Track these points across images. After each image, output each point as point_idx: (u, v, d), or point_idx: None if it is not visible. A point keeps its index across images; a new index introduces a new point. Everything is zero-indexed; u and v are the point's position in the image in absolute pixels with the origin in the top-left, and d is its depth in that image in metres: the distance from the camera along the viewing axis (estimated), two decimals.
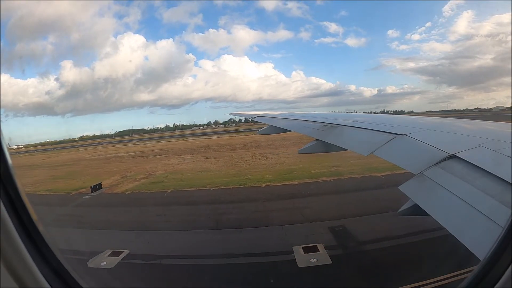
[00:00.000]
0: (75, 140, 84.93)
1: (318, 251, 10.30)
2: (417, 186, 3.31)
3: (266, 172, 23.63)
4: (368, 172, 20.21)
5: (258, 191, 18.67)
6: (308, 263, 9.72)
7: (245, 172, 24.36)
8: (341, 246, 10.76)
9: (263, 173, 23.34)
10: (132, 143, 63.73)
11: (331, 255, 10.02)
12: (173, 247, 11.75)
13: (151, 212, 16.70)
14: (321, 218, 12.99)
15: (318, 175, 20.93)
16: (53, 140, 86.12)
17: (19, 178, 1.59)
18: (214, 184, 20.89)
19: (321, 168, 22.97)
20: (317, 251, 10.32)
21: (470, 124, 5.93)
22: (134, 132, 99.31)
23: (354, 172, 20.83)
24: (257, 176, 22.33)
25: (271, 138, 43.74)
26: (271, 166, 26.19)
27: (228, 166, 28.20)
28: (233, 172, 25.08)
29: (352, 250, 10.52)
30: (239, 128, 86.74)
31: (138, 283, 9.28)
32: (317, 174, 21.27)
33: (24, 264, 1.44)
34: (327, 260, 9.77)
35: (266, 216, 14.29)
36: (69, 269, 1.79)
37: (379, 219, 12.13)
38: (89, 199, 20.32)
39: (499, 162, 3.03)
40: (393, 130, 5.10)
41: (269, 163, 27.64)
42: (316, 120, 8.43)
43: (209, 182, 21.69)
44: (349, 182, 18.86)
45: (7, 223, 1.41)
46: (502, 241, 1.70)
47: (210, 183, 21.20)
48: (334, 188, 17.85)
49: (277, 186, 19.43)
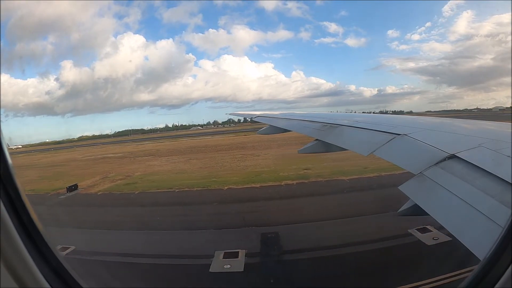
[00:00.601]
0: (75, 140, 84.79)
1: (237, 258, 10.18)
2: (417, 186, 3.31)
3: (236, 174, 23.68)
4: (335, 176, 20.09)
5: (217, 193, 18.82)
6: (221, 268, 9.64)
7: (216, 174, 24.47)
8: (262, 254, 10.59)
9: (233, 175, 23.37)
10: (127, 144, 63.53)
11: (247, 262, 9.89)
12: (111, 245, 12.16)
13: (111, 212, 17.23)
14: (261, 224, 12.90)
15: (284, 178, 20.76)
16: (53, 140, 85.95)
17: (19, 178, 1.59)
18: (180, 186, 21.12)
19: (292, 170, 22.92)
20: (237, 257, 10.21)
21: (470, 124, 5.93)
22: (133, 132, 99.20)
23: (321, 176, 20.63)
24: (225, 178, 22.44)
25: (264, 138, 43.92)
26: (244, 168, 26.17)
27: (204, 168, 28.34)
28: (205, 174, 25.22)
29: (271, 258, 10.30)
30: (237, 128, 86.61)
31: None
32: (283, 177, 21.09)
33: (24, 264, 1.44)
34: (240, 268, 9.62)
35: (209, 219, 14.47)
36: (69, 269, 1.79)
37: (315, 228, 12.06)
38: (63, 199, 20.88)
39: (499, 162, 3.02)
40: (393, 130, 5.10)
41: (245, 165, 27.69)
42: (316, 120, 8.43)
43: (177, 183, 21.93)
44: (310, 186, 18.58)
45: (7, 223, 1.40)
46: (502, 241, 1.70)
47: (178, 185, 21.45)
48: (290, 193, 17.61)
49: (238, 188, 19.43)
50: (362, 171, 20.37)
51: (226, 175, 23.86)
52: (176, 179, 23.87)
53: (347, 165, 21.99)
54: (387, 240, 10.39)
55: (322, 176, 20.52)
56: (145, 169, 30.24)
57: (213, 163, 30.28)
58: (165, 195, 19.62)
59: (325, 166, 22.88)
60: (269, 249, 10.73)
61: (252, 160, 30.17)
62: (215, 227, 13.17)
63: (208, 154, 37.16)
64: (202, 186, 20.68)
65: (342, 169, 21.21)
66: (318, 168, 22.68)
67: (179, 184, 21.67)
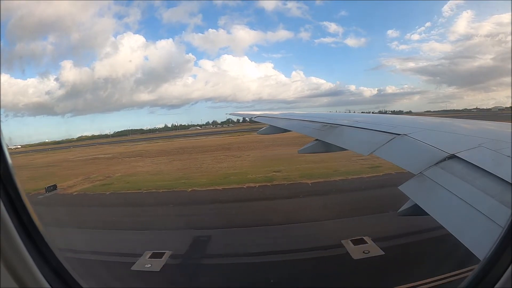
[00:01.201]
0: (74, 140, 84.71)
1: (161, 258, 10.40)
2: (417, 186, 3.30)
3: (207, 176, 23.78)
4: (300, 179, 19.97)
5: (178, 195, 18.96)
6: (142, 267, 9.93)
7: (189, 176, 24.61)
8: (185, 256, 10.73)
9: (203, 177, 23.47)
10: (122, 144, 63.62)
11: (167, 263, 10.14)
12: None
13: (74, 211, 17.44)
14: (201, 227, 13.02)
15: (249, 181, 20.71)
16: (52, 140, 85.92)
17: (19, 178, 1.59)
18: (150, 187, 21.38)
19: (262, 173, 22.93)
20: (161, 258, 10.43)
21: (470, 124, 5.93)
22: (131, 132, 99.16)
23: (287, 178, 20.55)
24: (194, 180, 22.56)
25: (257, 139, 44.70)
26: (218, 170, 26.27)
27: (182, 169, 28.49)
28: (179, 175, 25.39)
29: (191, 261, 10.43)
30: (235, 128, 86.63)
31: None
32: (249, 180, 21.03)
33: (24, 264, 1.44)
34: (157, 268, 9.86)
35: (157, 220, 14.68)
36: (69, 269, 1.79)
37: (248, 233, 12.10)
38: (41, 199, 21.06)
39: (499, 162, 3.03)
40: (393, 130, 5.09)
41: (221, 167, 27.81)
42: (316, 120, 8.43)
43: (149, 185, 22.19)
44: (269, 189, 18.50)
45: (7, 223, 1.40)
46: (502, 241, 1.70)
47: (148, 186, 21.72)
48: (246, 196, 17.57)
49: (200, 191, 19.53)
50: (330, 174, 20.37)
51: (198, 176, 24.04)
52: (150, 180, 24.28)
53: (322, 167, 22.22)
54: (312, 251, 10.08)
55: (288, 179, 20.47)
56: (127, 170, 30.52)
57: (192, 164, 30.48)
58: (132, 196, 20.04)
59: (297, 168, 23.01)
60: (193, 252, 10.94)
61: (231, 161, 30.29)
62: (159, 228, 13.50)
63: (193, 155, 37.33)
64: (169, 187, 20.93)
65: (313, 172, 21.26)
66: (289, 170, 22.77)
67: (150, 185, 22.06)
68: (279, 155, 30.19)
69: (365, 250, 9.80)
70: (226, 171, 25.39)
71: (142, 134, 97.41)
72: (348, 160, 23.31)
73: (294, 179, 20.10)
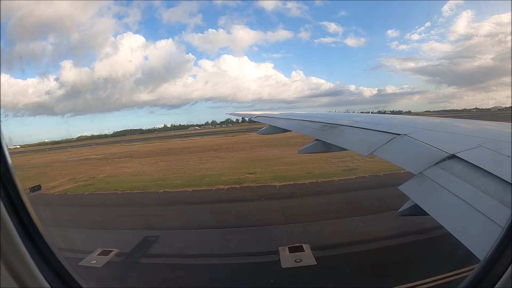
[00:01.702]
0: (73, 140, 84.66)
1: (106, 256, 10.80)
2: (417, 186, 3.30)
3: (183, 177, 23.94)
4: (270, 181, 19.93)
5: (148, 196, 19.23)
6: (88, 263, 10.24)
7: (167, 177, 24.86)
8: (128, 255, 10.99)
9: (179, 178, 23.65)
10: (118, 144, 63.76)
11: (109, 260, 10.48)
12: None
13: (46, 210, 17.34)
14: (154, 227, 13.24)
15: (221, 183, 20.82)
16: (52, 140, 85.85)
17: (19, 178, 1.59)
18: (126, 188, 21.63)
19: (236, 174, 22.99)
20: (107, 255, 10.84)
21: (470, 124, 5.93)
22: (131, 132, 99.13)
23: (257, 181, 20.54)
24: (169, 181, 22.75)
25: (252, 139, 45.09)
26: (197, 171, 26.41)
27: (162, 170, 28.69)
28: (158, 176, 25.60)
29: (131, 260, 10.70)
30: (234, 128, 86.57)
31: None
32: (221, 182, 21.12)
33: (24, 264, 1.44)
34: (100, 264, 10.21)
35: (118, 220, 14.98)
36: (69, 269, 1.79)
37: (197, 235, 12.32)
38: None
39: (499, 162, 3.03)
40: (393, 130, 5.09)
41: (200, 168, 27.95)
42: (316, 120, 8.42)
43: (126, 186, 22.45)
44: (236, 192, 18.55)
45: (7, 223, 1.40)
46: (502, 241, 1.70)
47: (125, 187, 21.97)
48: (210, 198, 17.74)
49: (171, 192, 19.70)
50: (302, 177, 20.30)
51: (174, 178, 24.22)
52: (130, 181, 24.57)
53: (298, 169, 22.27)
54: (245, 256, 10.12)
55: (258, 181, 20.43)
56: (113, 171, 30.71)
57: (174, 165, 30.62)
58: (106, 196, 20.34)
59: (273, 170, 23.08)
60: (137, 251, 11.22)
61: (213, 163, 30.33)
62: (117, 227, 13.84)
63: (180, 156, 37.37)
64: (143, 188, 21.16)
65: (286, 174, 21.28)
66: (264, 172, 22.83)
67: (127, 186, 22.34)
68: (264, 156, 30.46)
69: (298, 259, 9.49)
70: (203, 172, 25.51)
71: (141, 134, 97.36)
72: (328, 161, 23.71)
73: (264, 182, 20.08)
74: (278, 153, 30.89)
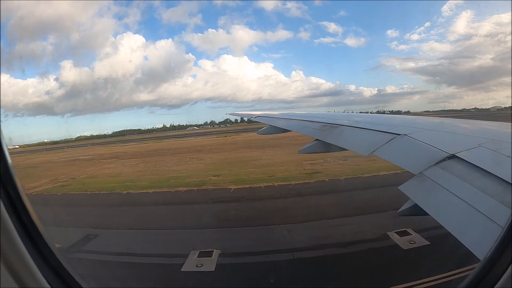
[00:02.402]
0: (72, 141, 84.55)
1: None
2: (417, 186, 3.30)
3: (153, 179, 24.04)
4: (228, 184, 19.79)
5: (113, 197, 19.38)
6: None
7: (138, 179, 24.96)
8: (64, 250, 10.99)
9: (149, 180, 23.77)
10: (113, 145, 63.06)
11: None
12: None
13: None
14: (101, 226, 13.47)
15: (183, 185, 20.70)
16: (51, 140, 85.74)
17: (19, 178, 1.59)
18: (96, 189, 21.77)
19: (202, 176, 22.97)
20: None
21: (470, 124, 5.93)
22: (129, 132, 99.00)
23: (217, 183, 20.50)
24: (138, 183, 22.88)
25: (243, 140, 44.88)
26: (168, 173, 26.47)
27: (139, 171, 28.71)
28: (132, 177, 25.74)
29: (67, 254, 10.73)
30: (230, 128, 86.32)
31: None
32: (183, 184, 21.02)
33: (24, 264, 1.44)
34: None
35: (73, 218, 15.26)
36: (69, 269, 1.79)
37: (134, 234, 12.54)
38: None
39: (499, 162, 3.03)
40: (393, 130, 5.09)
41: (174, 169, 27.91)
42: (316, 120, 8.42)
43: (98, 186, 22.56)
44: (191, 194, 18.54)
45: (7, 223, 1.40)
46: (502, 241, 1.70)
47: (96, 188, 22.07)
48: (163, 200, 17.80)
49: (133, 193, 19.82)
50: (263, 180, 20.08)
51: (145, 179, 24.32)
52: (104, 182, 24.66)
53: (263, 172, 22.26)
54: (156, 257, 10.26)
55: (218, 184, 20.39)
56: (94, 172, 30.64)
57: (152, 166, 30.56)
58: (75, 197, 20.50)
59: (239, 173, 23.02)
60: (75, 247, 11.49)
61: (188, 164, 30.19)
62: (68, 225, 13.99)
63: (163, 157, 37.16)
64: (112, 189, 21.24)
65: (249, 177, 21.24)
66: (230, 174, 22.81)
67: (99, 187, 22.43)
68: (240, 158, 30.29)
69: (200, 264, 9.45)
70: (174, 174, 25.44)
71: (140, 134, 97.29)
72: (299, 164, 23.62)
73: (223, 185, 19.99)
74: (257, 155, 30.89)
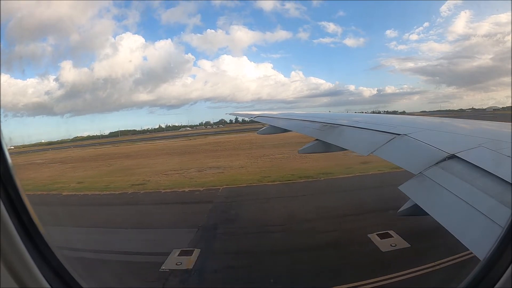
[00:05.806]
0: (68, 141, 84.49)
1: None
2: (417, 186, 3.30)
3: (100, 182, 23.84)
4: (178, 187, 19.60)
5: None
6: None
7: (103, 180, 24.77)
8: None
9: (98, 183, 23.53)
10: (104, 146, 61.45)
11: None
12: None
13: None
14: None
15: (154, 187, 20.50)
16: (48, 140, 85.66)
17: (19, 178, 1.58)
18: (48, 190, 21.74)
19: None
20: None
21: (470, 124, 5.93)
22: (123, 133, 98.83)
23: (167, 187, 20.32)
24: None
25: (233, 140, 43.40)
26: (74, 178, 26.50)
27: (107, 173, 28.24)
28: (96, 180, 25.53)
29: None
30: (224, 129, 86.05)
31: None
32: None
33: (24, 264, 1.43)
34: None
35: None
36: (69, 269, 1.79)
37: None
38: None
39: (499, 162, 3.03)
40: (393, 130, 5.09)
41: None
42: (316, 120, 8.41)
43: (51, 187, 22.53)
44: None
45: (7, 223, 1.40)
46: (502, 241, 1.70)
47: (48, 189, 22.04)
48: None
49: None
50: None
51: (94, 181, 24.22)
52: (60, 183, 24.48)
53: (205, 175, 22.23)
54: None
55: (168, 187, 20.10)
56: (26, 175, 29.68)
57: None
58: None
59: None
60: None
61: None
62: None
63: (97, 162, 36.59)
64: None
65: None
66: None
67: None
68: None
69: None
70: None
71: (133, 135, 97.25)
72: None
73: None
74: (159, 162, 30.85)
